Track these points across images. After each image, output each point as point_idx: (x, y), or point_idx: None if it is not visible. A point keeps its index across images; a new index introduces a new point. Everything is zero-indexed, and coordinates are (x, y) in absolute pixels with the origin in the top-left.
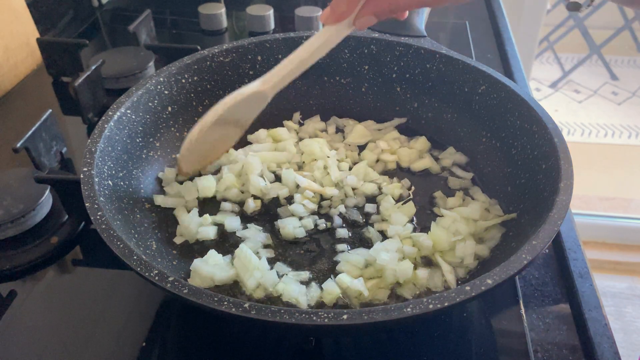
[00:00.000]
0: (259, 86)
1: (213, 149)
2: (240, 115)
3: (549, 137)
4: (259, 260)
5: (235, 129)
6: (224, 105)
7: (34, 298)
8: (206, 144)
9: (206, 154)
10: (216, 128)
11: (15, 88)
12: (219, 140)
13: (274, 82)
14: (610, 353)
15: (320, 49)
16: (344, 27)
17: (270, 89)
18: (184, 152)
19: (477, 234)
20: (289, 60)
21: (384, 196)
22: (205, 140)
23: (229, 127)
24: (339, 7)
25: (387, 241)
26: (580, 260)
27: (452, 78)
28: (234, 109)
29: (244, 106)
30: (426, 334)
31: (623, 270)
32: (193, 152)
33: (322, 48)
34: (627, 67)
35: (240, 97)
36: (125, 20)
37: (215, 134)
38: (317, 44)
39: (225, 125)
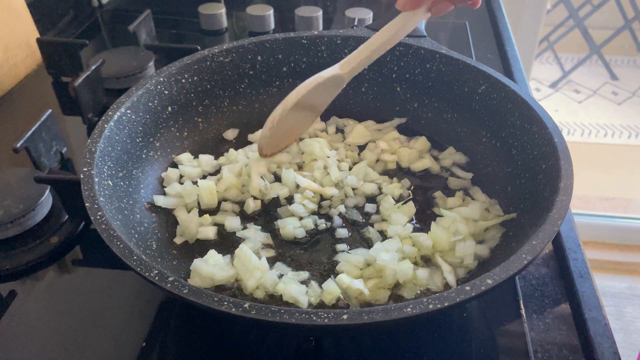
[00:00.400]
0: (338, 70)
1: (291, 132)
2: (317, 99)
3: (549, 137)
4: (259, 260)
5: (310, 114)
6: (304, 88)
7: (34, 298)
8: (285, 127)
9: (285, 137)
10: (294, 111)
11: (15, 88)
12: (296, 123)
13: (352, 67)
14: (610, 353)
15: (397, 35)
16: (421, 13)
17: (348, 73)
18: (266, 134)
19: (477, 234)
20: (367, 45)
21: (383, 196)
22: (285, 123)
23: (306, 111)
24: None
25: (387, 241)
26: (580, 260)
27: (452, 78)
28: (313, 92)
29: (322, 89)
30: (426, 334)
31: (623, 270)
32: (274, 134)
33: (399, 34)
34: (627, 67)
35: (320, 79)
36: (125, 20)
37: (293, 118)
38: (394, 29)
39: (302, 109)
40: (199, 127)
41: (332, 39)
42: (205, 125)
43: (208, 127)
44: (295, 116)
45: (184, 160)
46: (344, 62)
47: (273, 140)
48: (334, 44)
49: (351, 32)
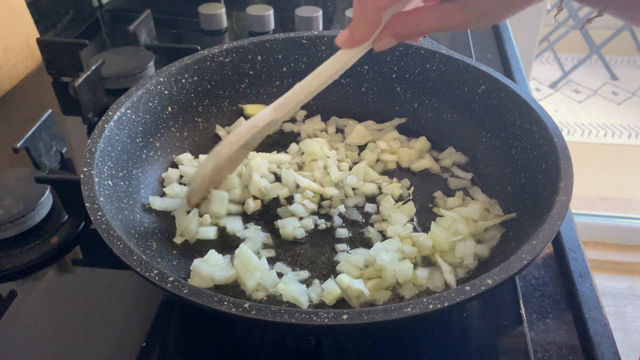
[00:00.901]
0: (272, 114)
1: (219, 176)
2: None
3: (549, 137)
4: (259, 260)
5: (243, 151)
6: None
7: (34, 298)
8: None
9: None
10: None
11: (15, 88)
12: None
13: (287, 110)
14: (610, 353)
15: (336, 73)
16: (361, 49)
17: (283, 117)
18: (194, 189)
19: (477, 234)
20: (303, 86)
21: (383, 196)
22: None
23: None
24: (358, 32)
25: (387, 241)
26: (580, 260)
27: (452, 78)
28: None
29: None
30: (426, 334)
31: (623, 270)
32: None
33: (338, 72)
34: (627, 67)
35: (254, 129)
36: (125, 20)
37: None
38: (333, 70)
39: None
40: (199, 127)
41: (332, 39)
42: (205, 125)
43: (208, 127)
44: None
45: (184, 160)
46: (278, 106)
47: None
48: (334, 44)
49: None
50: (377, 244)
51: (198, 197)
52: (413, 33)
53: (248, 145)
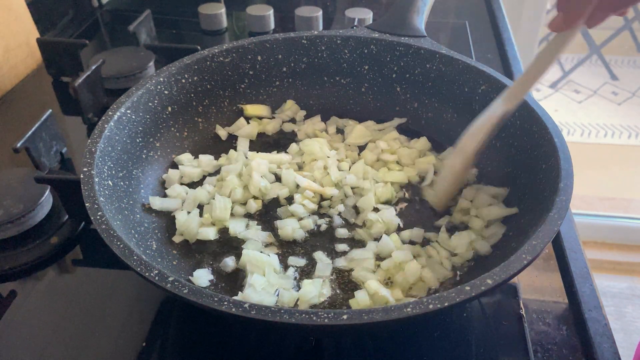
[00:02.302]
0: (505, 106)
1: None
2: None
3: (549, 137)
4: (268, 257)
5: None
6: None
7: (34, 298)
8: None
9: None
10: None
11: (15, 88)
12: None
13: (517, 100)
14: (610, 353)
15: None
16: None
17: (514, 108)
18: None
19: (479, 229)
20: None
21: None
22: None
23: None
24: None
25: (385, 241)
26: (580, 260)
27: (452, 78)
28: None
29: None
30: (426, 334)
31: (623, 270)
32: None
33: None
34: (627, 67)
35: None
36: (125, 20)
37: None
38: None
39: None
40: (199, 127)
41: (332, 39)
42: (205, 125)
43: (208, 127)
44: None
45: (184, 160)
46: (508, 96)
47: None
48: (334, 44)
49: (351, 32)
50: (377, 244)
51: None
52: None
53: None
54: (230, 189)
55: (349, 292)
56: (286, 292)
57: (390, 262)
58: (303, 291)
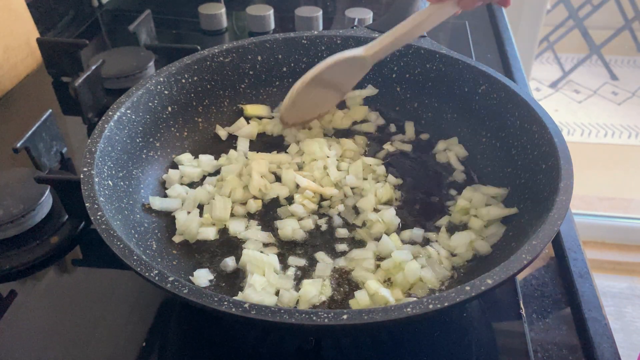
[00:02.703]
0: (362, 52)
1: (314, 107)
2: (339, 78)
3: (549, 137)
4: (268, 257)
5: (334, 93)
6: (324, 64)
7: (34, 298)
8: (307, 100)
9: (307, 111)
10: (316, 87)
11: (15, 88)
12: (319, 100)
13: (375, 50)
14: (610, 353)
15: (422, 25)
16: (449, 6)
17: (371, 56)
18: (286, 104)
19: (478, 228)
20: (391, 31)
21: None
22: (307, 96)
23: (328, 88)
24: None
25: (385, 241)
26: (580, 260)
27: (452, 78)
28: (334, 69)
29: (344, 69)
30: (426, 334)
31: (623, 270)
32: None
33: (425, 24)
34: (627, 67)
35: (341, 57)
36: (125, 20)
37: (316, 93)
38: (419, 19)
39: (324, 86)
40: (199, 127)
41: (332, 39)
42: (205, 125)
43: (208, 127)
44: (317, 92)
45: (184, 160)
46: (368, 46)
47: (294, 112)
48: (334, 44)
49: (351, 32)
50: (384, 241)
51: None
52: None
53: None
54: (230, 189)
55: (349, 292)
56: (286, 292)
57: (390, 262)
58: (303, 291)
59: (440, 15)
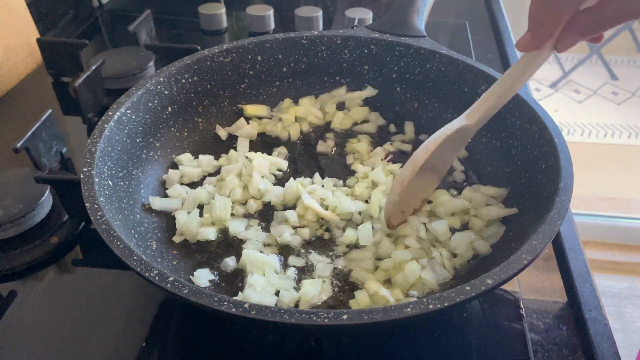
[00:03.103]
0: (464, 121)
1: (414, 198)
2: (441, 158)
3: (549, 137)
4: (268, 257)
5: (433, 176)
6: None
7: (34, 298)
8: (410, 193)
9: (408, 205)
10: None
11: (15, 88)
12: (419, 189)
13: (479, 116)
14: (610, 353)
15: (523, 78)
16: (546, 50)
17: (475, 124)
18: (394, 200)
19: (478, 229)
20: (491, 92)
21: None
22: (412, 186)
23: (429, 172)
24: (540, 30)
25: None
26: (580, 260)
27: (452, 78)
28: (439, 150)
29: (447, 146)
30: (426, 334)
31: (623, 270)
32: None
33: (525, 76)
34: (627, 67)
35: (449, 132)
36: (125, 20)
37: (418, 182)
38: (517, 73)
39: (427, 169)
40: (199, 127)
41: (332, 39)
42: (205, 125)
43: (208, 127)
44: (420, 180)
45: (184, 160)
46: (470, 112)
47: (400, 208)
48: (334, 44)
49: (351, 32)
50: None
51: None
52: (597, 28)
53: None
54: (230, 189)
55: (349, 292)
56: (286, 292)
57: (390, 262)
58: (303, 291)
59: (538, 64)
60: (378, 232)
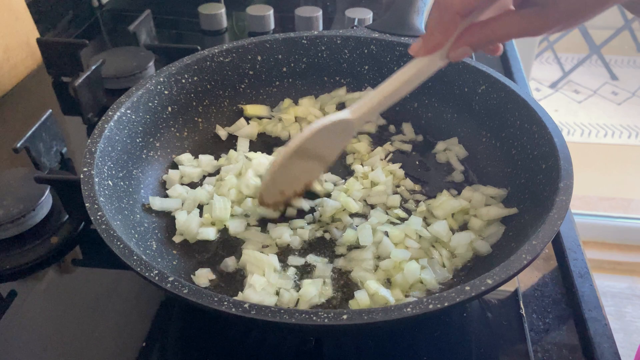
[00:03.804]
0: (347, 114)
1: (295, 182)
2: (324, 146)
3: (549, 137)
4: (268, 257)
5: (318, 164)
6: (308, 132)
7: (34, 298)
8: (288, 176)
9: (287, 187)
10: (299, 159)
11: (15, 88)
12: (301, 173)
13: (362, 112)
14: (610, 353)
15: (411, 82)
16: (437, 59)
17: (357, 119)
18: (265, 181)
19: (478, 229)
20: (378, 91)
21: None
22: (288, 170)
23: (312, 160)
24: (432, 38)
25: (385, 242)
26: (580, 260)
27: (452, 78)
28: (319, 137)
29: (329, 135)
30: (426, 334)
31: (623, 270)
32: (275, 182)
33: (413, 80)
34: (627, 67)
35: (326, 122)
36: (125, 20)
37: (298, 166)
38: (407, 76)
39: (308, 157)
40: (199, 127)
41: (332, 39)
42: (205, 125)
43: (208, 127)
44: (300, 164)
45: (184, 160)
46: (354, 108)
47: (274, 190)
48: (334, 44)
49: (351, 32)
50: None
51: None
52: (490, 40)
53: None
54: (228, 189)
55: (349, 293)
56: (286, 292)
57: (390, 262)
58: (303, 291)
59: (428, 70)
60: (378, 232)
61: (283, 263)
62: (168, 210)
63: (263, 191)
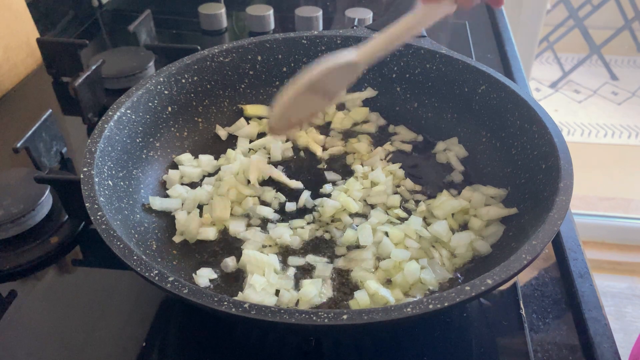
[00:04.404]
0: (354, 56)
1: (302, 114)
2: (330, 84)
3: (549, 137)
4: (268, 257)
5: (322, 99)
6: (317, 71)
7: (34, 298)
8: (296, 108)
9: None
10: (306, 94)
11: (15, 88)
12: (307, 106)
13: (368, 54)
14: (610, 353)
15: (417, 26)
16: (446, 4)
17: (363, 61)
18: (276, 114)
19: (478, 229)
20: (384, 34)
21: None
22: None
23: (318, 95)
24: None
25: (385, 242)
26: (580, 260)
27: (452, 78)
28: (327, 77)
29: (336, 75)
30: (426, 334)
31: (623, 270)
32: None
33: (419, 25)
34: (627, 67)
35: (334, 64)
36: (125, 20)
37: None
38: (413, 20)
39: (314, 92)
40: (199, 127)
41: (332, 39)
42: (205, 125)
43: (208, 127)
44: (307, 99)
45: (184, 160)
46: (360, 49)
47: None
48: (334, 44)
49: (351, 32)
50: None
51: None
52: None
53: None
54: (227, 189)
55: (349, 292)
56: (286, 292)
57: (390, 262)
58: (303, 291)
59: (435, 15)
60: (378, 232)
61: (283, 263)
62: (168, 210)
63: (272, 121)
